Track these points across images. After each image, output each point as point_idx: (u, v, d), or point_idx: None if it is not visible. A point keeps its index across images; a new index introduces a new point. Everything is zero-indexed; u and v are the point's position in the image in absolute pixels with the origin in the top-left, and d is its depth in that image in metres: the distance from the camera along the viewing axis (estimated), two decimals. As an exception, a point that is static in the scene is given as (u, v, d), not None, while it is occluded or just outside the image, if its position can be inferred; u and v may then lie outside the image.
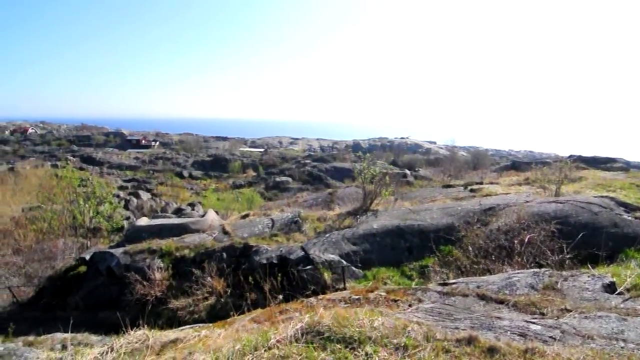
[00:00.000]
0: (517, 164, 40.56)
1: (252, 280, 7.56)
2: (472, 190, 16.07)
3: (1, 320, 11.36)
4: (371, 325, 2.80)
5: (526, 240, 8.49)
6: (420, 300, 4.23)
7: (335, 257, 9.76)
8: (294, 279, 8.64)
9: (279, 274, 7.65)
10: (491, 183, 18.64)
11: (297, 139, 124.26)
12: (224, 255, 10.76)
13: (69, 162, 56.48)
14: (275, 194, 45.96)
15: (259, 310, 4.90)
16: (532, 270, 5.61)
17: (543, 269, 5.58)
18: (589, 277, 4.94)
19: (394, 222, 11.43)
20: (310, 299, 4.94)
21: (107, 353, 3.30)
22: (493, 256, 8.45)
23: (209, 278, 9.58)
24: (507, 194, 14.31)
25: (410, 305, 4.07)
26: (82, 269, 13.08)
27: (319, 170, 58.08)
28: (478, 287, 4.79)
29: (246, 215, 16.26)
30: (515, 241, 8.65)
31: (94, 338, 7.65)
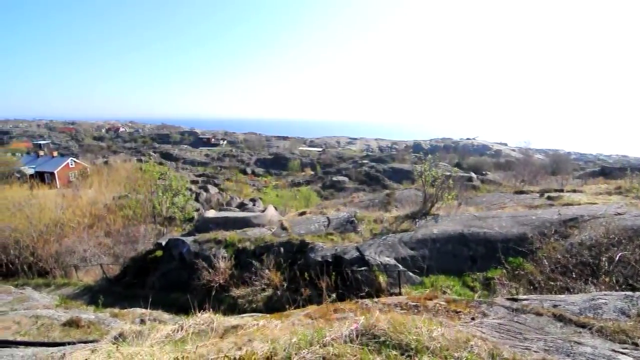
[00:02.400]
0: (607, 170, 35.55)
1: (307, 276, 7.74)
2: (549, 198, 14.45)
3: (93, 292, 13.24)
4: (430, 334, 2.67)
5: (617, 258, 7.38)
6: (485, 315, 3.91)
7: (391, 261, 9.52)
8: (348, 279, 8.63)
9: (334, 273, 7.69)
10: (573, 191, 16.57)
11: (355, 138, 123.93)
12: (282, 250, 11.17)
13: (151, 157, 63.52)
14: (331, 193, 46.46)
15: (314, 307, 4.98)
16: (623, 292, 4.86)
17: (638, 293, 4.80)
18: (700, 307, 4.12)
19: (456, 228, 10.79)
20: (365, 300, 4.89)
21: (177, 331, 3.64)
22: (573, 273, 7.50)
23: (267, 271, 10.03)
24: (593, 204, 12.59)
25: (473, 319, 3.79)
26: (159, 253, 14.59)
27: (376, 170, 57.28)
28: (554, 306, 4.28)
29: (303, 213, 16.68)
30: (603, 258, 7.58)
31: (166, 316, 8.51)
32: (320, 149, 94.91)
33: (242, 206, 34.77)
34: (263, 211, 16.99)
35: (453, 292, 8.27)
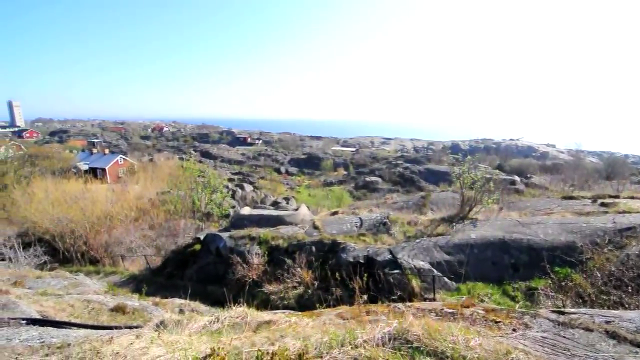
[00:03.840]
0: (672, 176, 32.15)
1: (338, 276, 7.73)
2: (603, 205, 13.30)
3: (138, 281, 14.10)
4: (466, 344, 2.55)
5: (682, 273, 6.66)
6: (527, 326, 3.68)
7: (426, 265, 9.26)
8: (380, 281, 8.51)
9: (365, 274, 7.62)
10: (631, 197, 15.11)
11: (389, 139, 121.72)
12: (313, 248, 11.24)
13: (191, 156, 66.62)
14: (364, 194, 46.02)
15: (345, 307, 4.95)
16: (689, 312, 4.36)
17: None
18: None
19: (496, 233, 10.27)
20: (398, 304, 4.79)
21: (214, 322, 3.78)
22: (630, 287, 6.86)
23: (298, 269, 10.13)
24: (654, 212, 11.44)
25: (514, 330, 3.57)
26: (197, 247, 15.25)
27: (411, 171, 55.92)
28: (607, 322, 3.93)
29: (335, 213, 16.67)
30: (665, 273, 6.87)
31: (202, 307, 8.86)
32: (353, 149, 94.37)
33: (275, 204, 35.46)
34: (296, 210, 17.19)
35: (492, 301, 7.88)
